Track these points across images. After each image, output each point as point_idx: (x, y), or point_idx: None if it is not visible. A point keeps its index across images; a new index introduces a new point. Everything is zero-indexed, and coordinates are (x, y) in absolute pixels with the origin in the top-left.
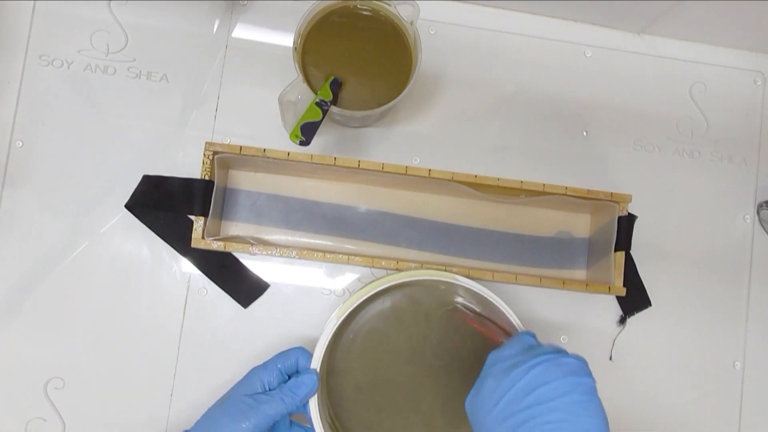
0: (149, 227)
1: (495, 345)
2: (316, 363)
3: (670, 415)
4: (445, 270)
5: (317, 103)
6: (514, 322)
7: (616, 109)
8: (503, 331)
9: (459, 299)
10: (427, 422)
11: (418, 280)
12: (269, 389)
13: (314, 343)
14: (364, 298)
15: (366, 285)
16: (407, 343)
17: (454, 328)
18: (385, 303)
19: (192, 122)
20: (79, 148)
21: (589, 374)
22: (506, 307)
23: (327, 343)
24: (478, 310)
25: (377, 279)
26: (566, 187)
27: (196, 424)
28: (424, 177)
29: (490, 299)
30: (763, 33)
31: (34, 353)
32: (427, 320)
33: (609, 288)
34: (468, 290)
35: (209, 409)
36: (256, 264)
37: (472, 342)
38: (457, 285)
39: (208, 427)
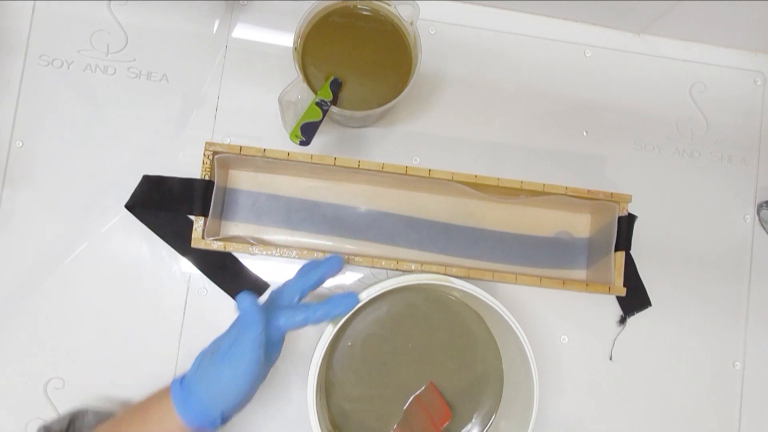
0: (149, 227)
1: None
2: (312, 374)
3: (670, 415)
4: (444, 272)
5: (317, 103)
6: (511, 323)
7: (616, 109)
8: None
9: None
10: None
11: (412, 284)
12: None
13: (314, 344)
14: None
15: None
16: (409, 347)
17: (459, 330)
18: (381, 308)
19: (192, 122)
20: (79, 148)
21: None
22: (502, 307)
23: (323, 352)
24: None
25: (370, 286)
26: (566, 187)
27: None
28: (424, 177)
29: (486, 300)
30: (763, 33)
31: (34, 353)
32: (427, 322)
33: (609, 288)
34: (464, 292)
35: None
36: (256, 264)
37: (485, 345)
38: (452, 287)
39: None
